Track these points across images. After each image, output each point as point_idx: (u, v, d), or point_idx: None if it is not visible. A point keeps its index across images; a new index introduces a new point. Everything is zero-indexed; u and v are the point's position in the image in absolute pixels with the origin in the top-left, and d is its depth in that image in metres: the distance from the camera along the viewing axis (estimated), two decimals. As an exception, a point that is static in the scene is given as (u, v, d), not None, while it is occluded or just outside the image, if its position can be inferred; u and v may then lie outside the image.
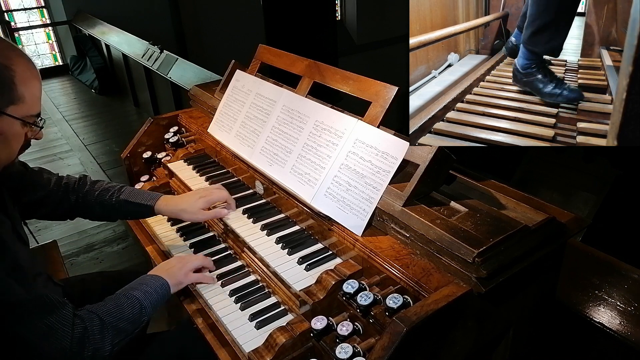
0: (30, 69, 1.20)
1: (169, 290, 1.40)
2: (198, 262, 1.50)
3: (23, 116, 1.20)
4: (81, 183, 1.64)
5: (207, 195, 1.65)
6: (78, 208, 1.63)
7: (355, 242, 1.35)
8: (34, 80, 1.21)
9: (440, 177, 1.38)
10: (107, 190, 1.64)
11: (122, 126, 5.84)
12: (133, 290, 1.33)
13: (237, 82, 2.02)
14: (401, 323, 1.00)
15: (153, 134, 2.23)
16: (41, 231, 3.57)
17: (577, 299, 1.59)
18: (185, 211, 1.62)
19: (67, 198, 1.61)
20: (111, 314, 1.24)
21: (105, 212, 1.65)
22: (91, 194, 1.63)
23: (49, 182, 1.59)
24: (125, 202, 1.62)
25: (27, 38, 7.91)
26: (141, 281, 1.38)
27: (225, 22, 8.21)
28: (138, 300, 1.30)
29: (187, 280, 1.46)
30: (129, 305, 1.28)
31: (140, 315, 1.29)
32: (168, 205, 1.64)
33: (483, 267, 1.10)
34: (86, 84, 7.28)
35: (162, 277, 1.40)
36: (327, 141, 1.54)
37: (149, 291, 1.34)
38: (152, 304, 1.33)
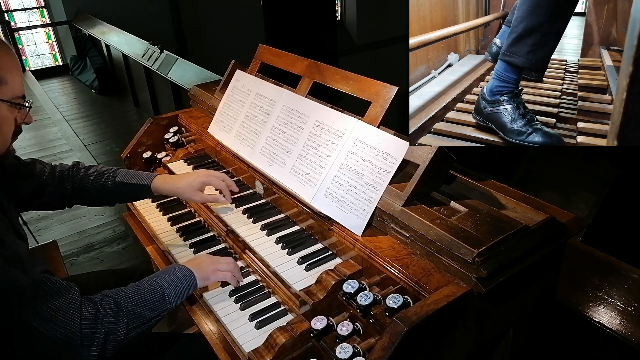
0: (6, 53, 1.20)
1: (195, 281, 1.37)
2: (229, 266, 1.46)
3: (9, 98, 1.20)
4: (75, 170, 1.63)
5: (206, 177, 1.65)
6: (75, 195, 1.62)
7: (355, 242, 1.35)
8: (13, 62, 1.21)
9: (440, 177, 1.38)
10: (102, 174, 1.63)
11: (122, 126, 5.85)
12: (157, 278, 1.30)
13: (237, 82, 2.02)
14: (401, 323, 1.00)
15: (153, 134, 2.23)
16: (41, 231, 3.57)
17: (577, 299, 1.59)
18: (183, 190, 1.62)
19: (63, 186, 1.59)
20: (129, 298, 1.21)
21: (102, 196, 1.64)
22: (86, 179, 1.61)
23: (43, 172, 1.58)
24: (122, 183, 1.61)
25: (27, 38, 7.90)
26: (167, 270, 1.36)
27: (225, 22, 8.21)
28: (161, 287, 1.27)
29: (215, 276, 1.42)
30: (150, 291, 1.25)
31: (163, 302, 1.26)
32: (165, 184, 1.63)
33: (483, 267, 1.10)
34: (86, 84, 7.28)
35: (190, 268, 1.38)
36: (327, 141, 1.54)
37: (173, 280, 1.31)
38: (176, 292, 1.30)
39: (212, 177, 1.66)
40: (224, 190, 1.68)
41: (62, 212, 3.82)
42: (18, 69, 1.24)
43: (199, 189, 1.63)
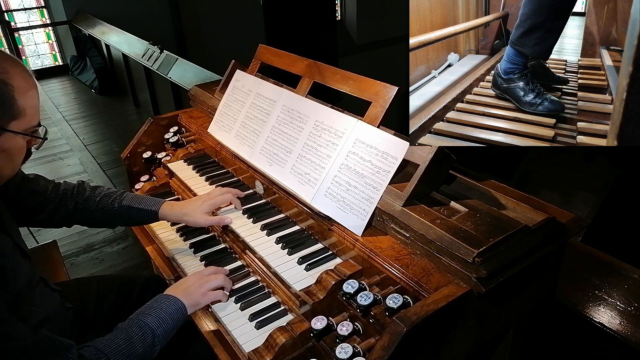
0: (27, 79, 1.17)
1: (185, 314, 1.33)
2: (218, 281, 1.43)
3: (25, 130, 1.18)
4: (80, 190, 1.61)
5: (211, 199, 1.65)
6: (77, 215, 1.60)
7: (355, 242, 1.35)
8: (32, 90, 1.18)
9: (440, 177, 1.38)
10: (108, 195, 1.62)
11: (122, 126, 5.85)
12: (146, 317, 1.26)
13: (237, 82, 2.02)
14: (401, 323, 1.00)
15: (153, 134, 2.23)
16: (41, 231, 3.57)
17: (577, 299, 1.59)
18: (189, 215, 1.61)
19: (65, 205, 1.57)
20: (121, 352, 1.17)
21: (106, 218, 1.62)
22: (92, 200, 1.60)
23: (46, 189, 1.56)
24: (128, 207, 1.60)
25: (27, 38, 7.91)
26: (156, 305, 1.31)
27: (225, 22, 8.22)
28: (151, 330, 1.23)
29: (205, 300, 1.38)
30: (140, 338, 1.21)
31: (152, 346, 1.23)
32: (173, 210, 1.63)
33: (483, 267, 1.10)
34: (86, 84, 7.28)
35: (179, 298, 1.33)
36: (327, 141, 1.54)
37: (163, 318, 1.27)
38: (166, 332, 1.26)
39: (217, 198, 1.66)
40: (233, 201, 1.68)
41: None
42: (36, 94, 1.20)
43: (206, 212, 1.62)
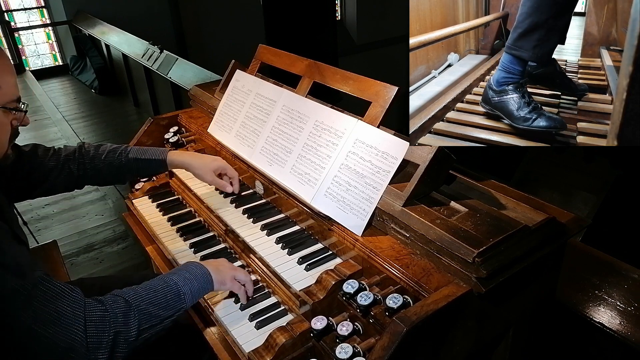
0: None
1: (211, 282, 1.29)
2: (246, 277, 1.41)
3: (4, 103, 1.18)
4: (83, 151, 1.63)
5: (223, 163, 1.74)
6: (87, 176, 1.63)
7: (355, 242, 1.35)
8: (6, 66, 1.19)
9: (440, 177, 1.38)
10: (113, 151, 1.65)
11: (122, 126, 5.85)
12: (172, 274, 1.24)
13: (237, 82, 2.02)
14: (401, 323, 1.00)
15: (153, 134, 2.23)
16: (41, 231, 3.57)
17: (577, 299, 1.59)
18: (198, 168, 1.68)
19: (68, 170, 1.59)
20: (140, 297, 1.14)
21: (115, 174, 1.66)
22: (98, 158, 1.62)
23: (45, 157, 1.57)
24: (135, 159, 1.65)
25: (27, 38, 7.91)
26: (183, 266, 1.29)
27: (225, 22, 8.22)
28: (176, 285, 1.20)
29: (230, 284, 1.36)
30: (164, 289, 1.18)
31: (178, 301, 1.19)
32: (182, 156, 1.71)
33: (483, 267, 1.10)
34: (86, 84, 7.28)
35: (208, 268, 1.31)
36: (327, 141, 1.54)
37: (189, 277, 1.24)
38: (192, 291, 1.23)
39: (229, 166, 1.75)
40: (235, 180, 1.74)
41: (62, 212, 3.83)
42: (11, 71, 1.21)
43: (213, 171, 1.68)
